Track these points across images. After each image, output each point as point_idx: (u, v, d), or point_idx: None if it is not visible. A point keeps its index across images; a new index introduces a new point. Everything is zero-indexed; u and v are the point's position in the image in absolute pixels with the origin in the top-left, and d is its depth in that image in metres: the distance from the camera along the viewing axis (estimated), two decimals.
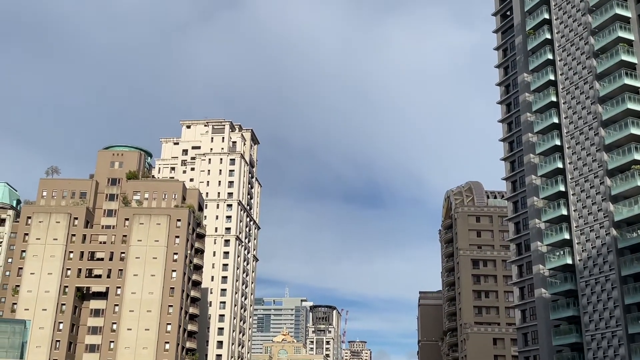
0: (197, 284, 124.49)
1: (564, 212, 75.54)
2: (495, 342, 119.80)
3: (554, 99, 79.58)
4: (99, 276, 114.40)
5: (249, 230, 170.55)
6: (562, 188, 76.43)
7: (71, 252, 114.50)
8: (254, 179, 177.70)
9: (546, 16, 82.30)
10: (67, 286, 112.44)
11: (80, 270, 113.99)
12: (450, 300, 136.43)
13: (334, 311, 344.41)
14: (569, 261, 74.08)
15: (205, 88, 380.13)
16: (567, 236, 74.74)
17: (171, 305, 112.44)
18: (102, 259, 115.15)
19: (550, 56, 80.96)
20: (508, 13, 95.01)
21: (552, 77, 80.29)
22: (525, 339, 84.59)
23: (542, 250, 79.33)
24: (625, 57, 71.28)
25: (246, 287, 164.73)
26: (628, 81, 70.44)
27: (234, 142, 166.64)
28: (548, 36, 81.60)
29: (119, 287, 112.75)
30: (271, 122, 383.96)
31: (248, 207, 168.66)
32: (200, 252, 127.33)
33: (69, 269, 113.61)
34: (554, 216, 76.86)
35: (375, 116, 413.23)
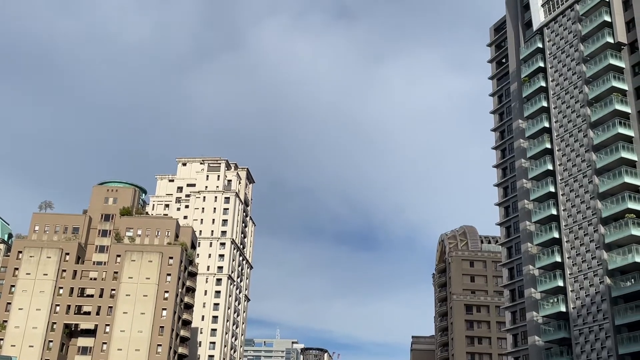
0: (187, 323, 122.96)
1: (558, 259, 75.32)
2: None
3: (548, 145, 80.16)
4: (88, 313, 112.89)
5: (242, 270, 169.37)
6: (556, 235, 76.38)
7: (61, 287, 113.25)
8: (248, 218, 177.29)
9: (541, 64, 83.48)
10: (55, 322, 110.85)
11: (69, 306, 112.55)
12: (443, 346, 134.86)
13: (325, 354, 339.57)
14: (563, 309, 73.58)
15: (203, 126, 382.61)
16: (561, 283, 74.37)
17: (160, 345, 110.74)
18: (92, 296, 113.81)
19: (545, 104, 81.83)
20: (503, 60, 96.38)
21: (546, 124, 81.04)
22: None
23: (536, 297, 78.83)
24: (619, 107, 72.10)
25: (237, 328, 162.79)
26: (621, 130, 71.11)
27: (230, 181, 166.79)
28: (543, 84, 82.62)
29: (108, 325, 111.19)
30: (268, 161, 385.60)
31: (241, 246, 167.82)
32: (191, 290, 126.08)
33: (58, 305, 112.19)
34: (547, 263, 76.62)
35: (372, 158, 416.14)
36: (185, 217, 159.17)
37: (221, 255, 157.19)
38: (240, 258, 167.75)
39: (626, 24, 75.05)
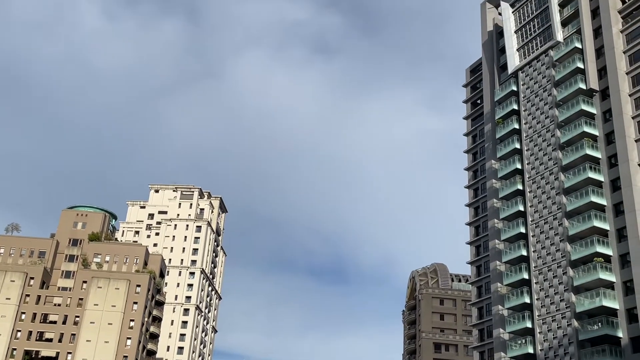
0: (151, 354, 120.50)
1: (527, 300, 75.61)
2: None
3: (520, 187, 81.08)
4: (50, 340, 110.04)
5: (210, 300, 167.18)
6: (525, 276, 76.79)
7: (23, 313, 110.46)
8: (219, 248, 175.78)
9: (515, 107, 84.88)
10: (15, 349, 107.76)
11: (31, 332, 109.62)
12: None
13: None
14: (531, 350, 73.63)
15: (178, 153, 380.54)
16: (529, 325, 74.54)
17: None
18: (55, 322, 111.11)
19: (517, 145, 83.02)
20: (478, 101, 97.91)
21: (518, 166, 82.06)
22: None
23: (504, 338, 78.84)
24: (590, 152, 73.38)
25: (202, 359, 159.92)
26: (592, 175, 72.23)
27: (202, 209, 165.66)
28: (516, 126, 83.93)
29: (70, 353, 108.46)
30: (242, 191, 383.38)
31: (211, 276, 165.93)
32: (158, 320, 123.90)
33: (20, 330, 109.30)
34: (516, 304, 76.85)
35: (347, 193, 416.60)
36: (155, 245, 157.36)
37: (190, 285, 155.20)
38: (210, 288, 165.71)
39: (598, 72, 76.90)
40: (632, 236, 67.18)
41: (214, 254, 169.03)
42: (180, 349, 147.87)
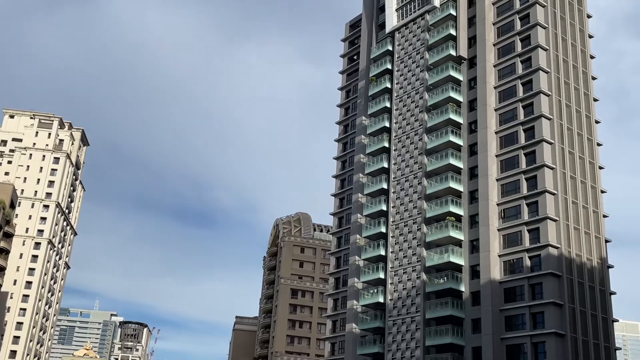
0: None
1: (382, 252, 79.24)
2: None
3: (386, 144, 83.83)
4: None
5: (65, 235, 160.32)
6: (383, 230, 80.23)
7: None
8: (77, 182, 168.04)
9: (389, 66, 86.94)
10: None
11: None
12: (265, 328, 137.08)
13: (145, 329, 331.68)
14: (381, 300, 77.58)
15: (40, 79, 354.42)
16: (382, 276, 78.33)
17: None
18: None
19: (388, 104, 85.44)
20: (355, 57, 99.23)
21: (387, 124, 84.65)
22: None
23: (357, 287, 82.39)
24: (453, 116, 76.98)
25: (52, 295, 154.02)
26: (452, 138, 76.02)
27: (61, 140, 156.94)
28: (388, 85, 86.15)
29: None
30: (107, 126, 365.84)
31: (67, 211, 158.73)
32: (5, 252, 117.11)
33: None
34: (372, 255, 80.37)
35: (219, 138, 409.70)
36: (7, 174, 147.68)
37: (43, 218, 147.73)
38: (65, 223, 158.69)
39: (468, 40, 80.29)
40: (482, 198, 71.94)
41: (71, 188, 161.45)
42: (29, 283, 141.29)
